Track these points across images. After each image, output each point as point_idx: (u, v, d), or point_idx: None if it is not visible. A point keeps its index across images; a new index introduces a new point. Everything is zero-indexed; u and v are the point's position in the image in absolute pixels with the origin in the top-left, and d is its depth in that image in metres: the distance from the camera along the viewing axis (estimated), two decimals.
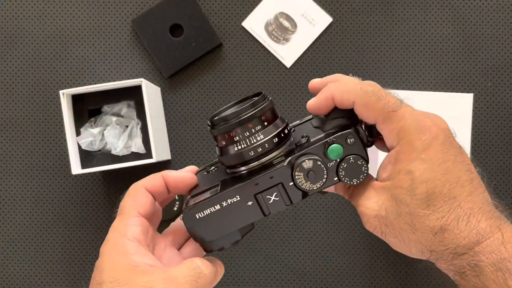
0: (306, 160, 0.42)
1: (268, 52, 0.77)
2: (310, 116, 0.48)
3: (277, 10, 0.76)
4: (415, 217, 0.40)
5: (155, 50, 0.75)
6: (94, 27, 0.76)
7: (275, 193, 0.43)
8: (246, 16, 0.77)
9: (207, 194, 0.44)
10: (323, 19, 0.76)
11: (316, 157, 0.42)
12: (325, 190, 0.48)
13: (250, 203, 0.43)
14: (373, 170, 0.45)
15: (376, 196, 0.43)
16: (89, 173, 0.73)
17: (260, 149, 0.43)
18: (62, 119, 0.72)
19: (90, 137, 0.71)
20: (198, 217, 0.43)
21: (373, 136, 0.44)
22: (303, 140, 0.44)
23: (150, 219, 0.46)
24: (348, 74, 0.78)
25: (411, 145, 0.41)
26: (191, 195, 0.46)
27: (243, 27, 0.77)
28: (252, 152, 0.43)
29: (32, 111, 0.76)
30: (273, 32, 0.76)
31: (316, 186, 0.43)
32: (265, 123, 0.44)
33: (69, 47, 0.76)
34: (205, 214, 0.43)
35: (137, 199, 0.45)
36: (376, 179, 0.45)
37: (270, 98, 0.45)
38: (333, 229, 0.76)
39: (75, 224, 0.76)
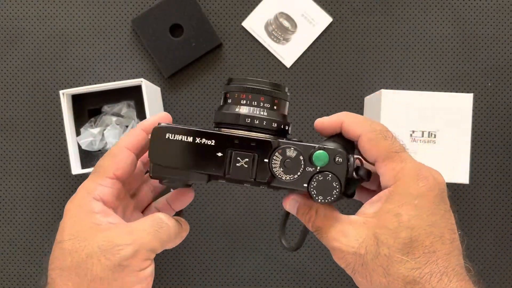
0: (292, 148, 0.42)
1: (268, 52, 0.77)
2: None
3: (277, 10, 0.76)
4: (392, 262, 0.40)
5: (155, 50, 0.75)
6: (94, 27, 0.76)
7: (247, 159, 0.42)
8: (246, 16, 0.77)
9: (185, 126, 0.44)
10: (323, 19, 0.76)
11: (301, 152, 0.42)
12: (288, 210, 0.47)
13: (220, 154, 0.43)
14: None
15: (355, 232, 0.42)
16: (89, 173, 0.73)
17: (257, 121, 0.43)
18: (62, 119, 0.72)
19: (90, 137, 0.71)
20: (167, 137, 0.43)
21: (358, 174, 0.44)
22: (295, 139, 0.44)
23: (127, 181, 0.46)
24: (348, 74, 0.78)
25: (407, 189, 0.41)
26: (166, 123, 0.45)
27: (243, 27, 0.77)
28: (249, 119, 0.43)
29: (32, 111, 0.76)
30: (273, 32, 0.76)
31: (286, 178, 0.42)
32: (274, 107, 0.44)
33: (69, 47, 0.76)
34: (175, 138, 0.43)
35: (116, 160, 0.45)
36: (355, 214, 0.44)
37: (288, 95, 0.46)
38: None
39: None
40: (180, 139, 0.43)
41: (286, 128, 0.45)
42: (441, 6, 0.76)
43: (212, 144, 0.43)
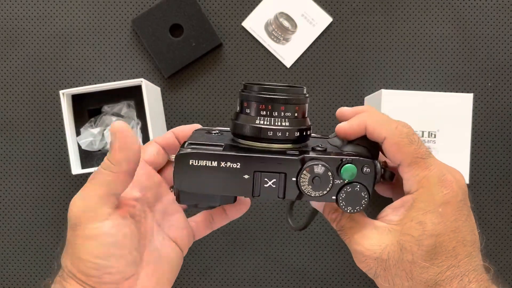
0: (320, 165, 0.41)
1: (268, 52, 0.77)
2: (327, 136, 0.48)
3: (277, 10, 0.76)
4: (415, 267, 0.41)
5: (155, 50, 0.75)
6: (94, 27, 0.76)
7: (274, 179, 0.42)
8: (246, 16, 0.77)
9: (208, 148, 0.42)
10: (323, 19, 0.76)
11: (329, 167, 0.41)
12: (314, 207, 0.47)
13: (246, 176, 0.42)
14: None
15: (379, 238, 0.42)
16: (89, 173, 0.73)
17: (279, 133, 0.42)
18: (62, 119, 0.72)
19: (90, 137, 0.71)
20: (191, 163, 0.41)
21: (384, 178, 0.44)
22: (319, 148, 0.43)
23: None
24: (348, 74, 0.78)
25: (431, 196, 0.41)
26: (188, 142, 0.43)
27: (243, 27, 0.77)
28: (271, 132, 0.42)
29: (32, 111, 0.76)
30: (273, 32, 0.76)
31: (315, 194, 0.42)
32: (296, 114, 0.43)
33: (69, 47, 0.76)
34: (199, 164, 0.41)
35: (144, 147, 0.47)
36: (377, 218, 0.44)
37: (308, 96, 0.45)
38: (333, 229, 0.76)
39: None
40: (204, 164, 0.41)
41: (308, 132, 0.44)
42: (441, 6, 0.76)
43: (238, 167, 0.41)
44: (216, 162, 0.41)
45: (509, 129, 0.76)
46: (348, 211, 0.42)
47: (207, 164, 0.41)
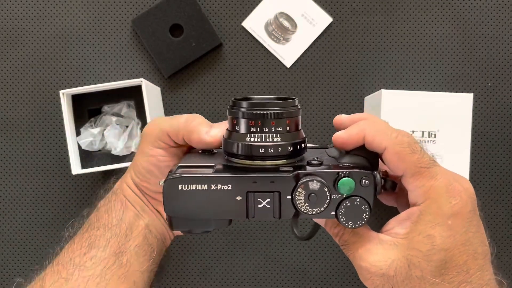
0: (315, 181, 0.39)
1: (268, 52, 0.77)
2: (326, 146, 0.46)
3: (277, 10, 0.76)
4: (425, 284, 0.39)
5: (155, 50, 0.75)
6: (94, 27, 0.76)
7: (268, 199, 0.40)
8: (246, 16, 0.77)
9: (198, 170, 0.41)
10: (323, 19, 0.76)
11: (325, 183, 0.39)
12: (316, 221, 0.46)
13: (239, 198, 0.40)
14: None
15: (385, 253, 0.40)
16: (89, 173, 0.73)
17: (272, 150, 0.41)
18: (62, 119, 0.73)
19: (90, 137, 0.71)
20: (180, 188, 0.40)
21: (385, 189, 0.42)
22: (315, 162, 0.41)
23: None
24: (348, 74, 0.78)
25: (439, 208, 0.39)
26: (178, 165, 0.42)
27: (243, 27, 0.77)
28: (262, 149, 0.40)
29: (32, 111, 0.76)
30: (273, 32, 0.76)
31: (312, 212, 0.40)
32: (287, 128, 0.41)
33: (69, 47, 0.76)
34: (189, 188, 0.40)
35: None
36: (381, 231, 0.42)
37: (300, 108, 0.43)
38: None
39: None
40: (194, 188, 0.40)
41: (302, 145, 0.43)
42: (441, 6, 0.76)
43: (229, 188, 0.40)
44: (206, 185, 0.40)
45: (509, 129, 0.76)
46: (350, 226, 0.40)
47: (197, 188, 0.40)
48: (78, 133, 0.72)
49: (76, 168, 0.69)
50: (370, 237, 0.41)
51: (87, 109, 0.73)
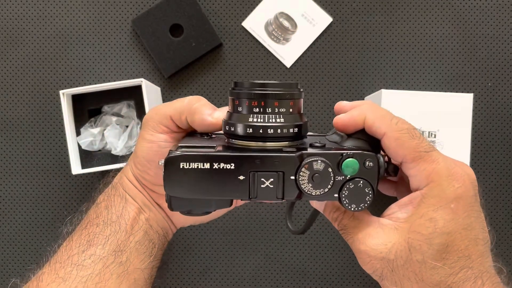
0: (319, 161, 0.39)
1: (268, 52, 0.77)
2: (326, 134, 0.46)
3: (277, 10, 0.76)
4: (426, 268, 0.38)
5: (155, 50, 0.75)
6: (94, 27, 0.76)
7: (272, 179, 0.39)
8: (246, 16, 0.77)
9: (199, 150, 0.40)
10: (323, 19, 0.76)
11: (329, 163, 0.39)
12: (315, 207, 0.46)
13: (241, 177, 0.39)
14: None
15: (385, 236, 0.39)
16: (89, 173, 0.73)
17: (274, 131, 0.40)
18: (62, 119, 0.73)
19: (90, 137, 0.71)
20: (181, 166, 0.39)
21: (388, 173, 0.42)
22: (318, 144, 0.41)
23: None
24: (348, 74, 0.78)
25: (442, 191, 0.38)
26: (179, 145, 0.41)
27: (243, 27, 0.77)
28: (265, 130, 0.40)
29: (32, 111, 0.76)
30: (273, 32, 0.76)
31: (316, 192, 0.39)
32: (290, 110, 0.41)
33: (69, 47, 0.76)
34: (190, 167, 0.39)
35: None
36: (382, 216, 0.42)
37: (303, 91, 0.43)
38: (333, 229, 0.76)
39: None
40: (196, 167, 0.39)
41: (305, 129, 0.42)
42: (441, 6, 0.76)
43: (232, 168, 0.39)
44: (208, 164, 0.39)
45: (509, 129, 0.76)
46: (352, 209, 0.40)
47: (199, 167, 0.39)
48: (78, 133, 0.72)
49: (76, 168, 0.69)
50: (370, 221, 0.41)
51: (87, 109, 0.73)
